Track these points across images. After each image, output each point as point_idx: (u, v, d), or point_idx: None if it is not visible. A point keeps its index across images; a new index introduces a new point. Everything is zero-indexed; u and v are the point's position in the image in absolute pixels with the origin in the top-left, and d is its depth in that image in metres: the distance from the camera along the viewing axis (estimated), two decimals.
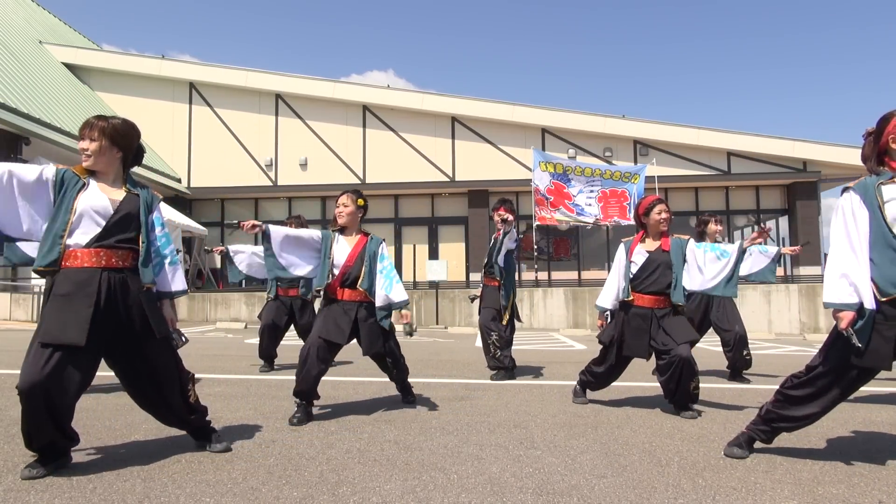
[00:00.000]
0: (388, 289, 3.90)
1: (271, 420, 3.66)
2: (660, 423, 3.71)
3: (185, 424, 2.95)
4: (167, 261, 2.81)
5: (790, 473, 2.66)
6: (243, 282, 17.78)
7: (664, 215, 4.13)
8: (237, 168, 18.92)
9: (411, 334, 4.62)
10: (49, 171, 2.60)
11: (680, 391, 3.92)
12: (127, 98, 19.39)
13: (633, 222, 15.23)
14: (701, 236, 5.87)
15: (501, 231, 5.72)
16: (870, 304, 2.55)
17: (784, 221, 18.94)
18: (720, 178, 18.37)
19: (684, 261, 4.04)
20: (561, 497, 2.34)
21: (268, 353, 6.28)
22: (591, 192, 14.79)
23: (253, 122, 19.11)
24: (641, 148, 18.33)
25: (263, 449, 2.97)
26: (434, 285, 15.41)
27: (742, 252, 3.90)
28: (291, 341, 6.48)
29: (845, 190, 2.71)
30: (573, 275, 18.79)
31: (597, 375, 4.30)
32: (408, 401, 4.30)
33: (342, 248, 3.99)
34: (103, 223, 2.62)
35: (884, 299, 2.56)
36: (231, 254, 6.05)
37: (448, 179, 18.75)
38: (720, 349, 6.11)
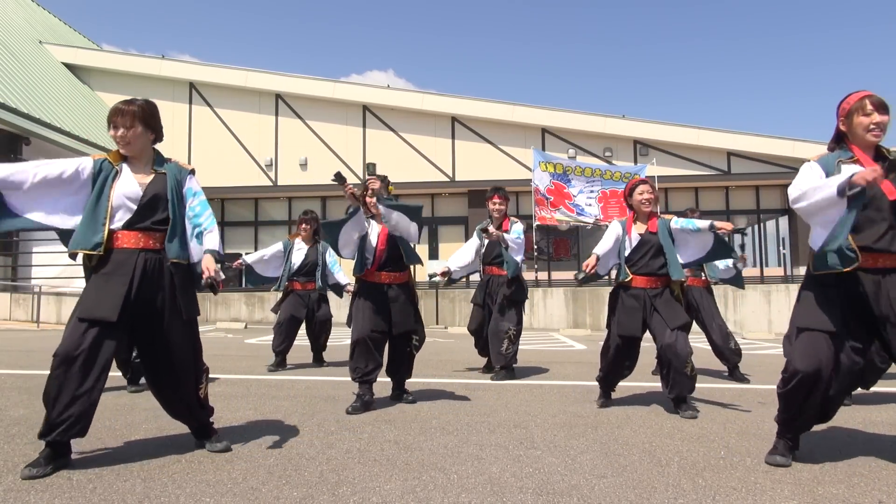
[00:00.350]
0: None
1: (271, 420, 3.66)
2: (660, 423, 3.71)
3: (190, 417, 2.97)
4: (203, 227, 2.88)
5: (790, 473, 2.66)
6: (244, 282, 17.83)
7: (646, 195, 4.21)
8: (237, 168, 18.92)
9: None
10: (87, 165, 2.76)
11: (674, 375, 3.96)
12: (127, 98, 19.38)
13: None
14: None
15: (509, 222, 5.75)
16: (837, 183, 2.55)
17: (784, 221, 18.94)
18: (720, 178, 18.37)
19: (672, 240, 4.15)
20: (561, 497, 2.34)
21: (283, 350, 6.31)
22: (592, 192, 14.80)
23: (253, 122, 19.11)
24: (641, 148, 18.33)
25: (263, 449, 2.97)
26: (434, 285, 15.41)
27: (711, 226, 4.03)
28: (301, 340, 6.49)
29: (806, 162, 2.85)
30: (573, 275, 18.79)
31: (607, 365, 4.25)
32: (407, 399, 4.33)
33: (373, 233, 4.22)
34: (135, 207, 2.76)
35: (818, 273, 2.74)
36: (250, 264, 6.56)
37: (448, 179, 18.76)
38: None
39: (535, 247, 16.11)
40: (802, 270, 17.13)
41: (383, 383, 5.26)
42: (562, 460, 2.83)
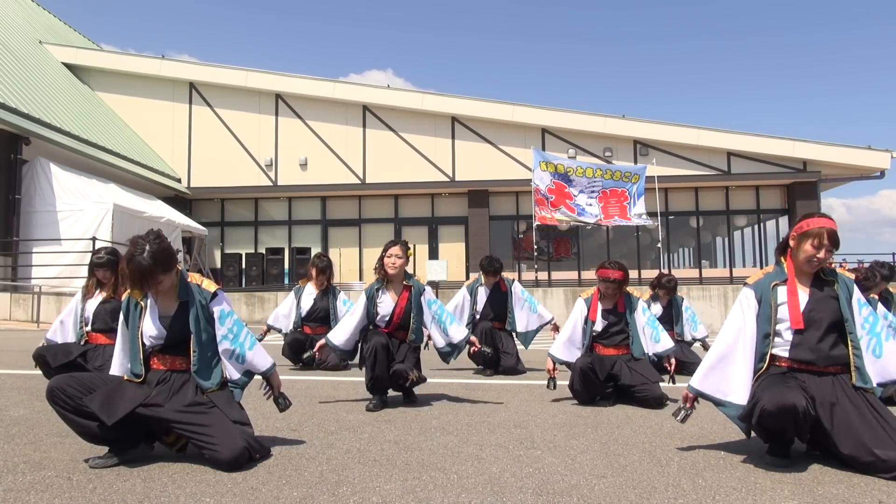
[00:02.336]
0: (446, 330, 4.24)
1: (271, 420, 3.66)
2: (660, 423, 3.71)
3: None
4: (246, 347, 2.91)
5: (790, 473, 2.66)
6: (243, 281, 17.84)
7: (610, 291, 4.45)
8: (237, 168, 18.92)
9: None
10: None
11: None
12: (127, 98, 19.40)
13: (632, 222, 15.33)
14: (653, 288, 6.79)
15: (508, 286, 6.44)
16: (739, 399, 2.84)
17: (784, 221, 18.95)
18: (720, 178, 18.37)
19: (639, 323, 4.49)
20: (561, 497, 2.33)
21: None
22: (592, 192, 14.80)
23: (253, 122, 19.12)
24: (641, 148, 18.34)
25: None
26: (434, 285, 15.40)
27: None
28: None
29: (744, 289, 3.03)
30: (573, 275, 18.79)
31: (577, 393, 4.34)
32: (409, 400, 4.34)
33: (387, 302, 4.22)
34: (163, 343, 2.82)
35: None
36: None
37: (448, 179, 18.76)
38: None
39: (536, 246, 16.10)
40: None
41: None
42: (562, 460, 2.83)
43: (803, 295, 2.89)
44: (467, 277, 18.08)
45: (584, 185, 14.74)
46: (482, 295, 6.54)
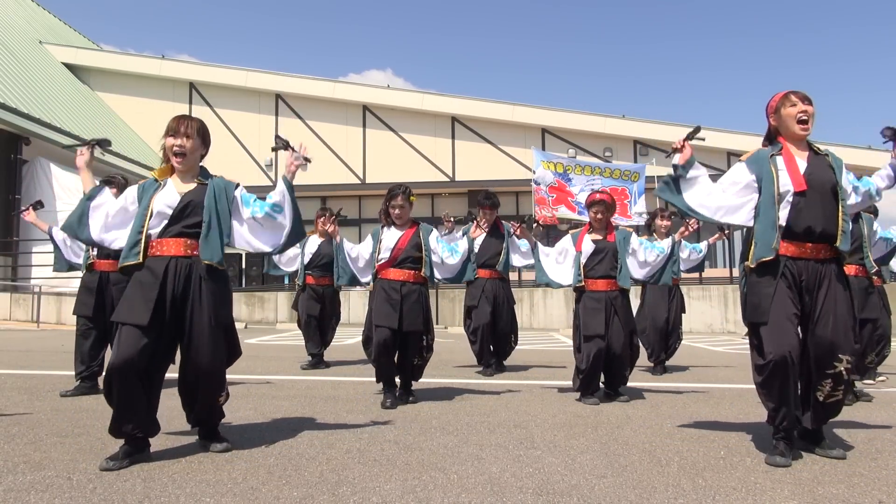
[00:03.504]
0: (453, 253, 4.52)
1: (271, 420, 3.66)
2: (660, 423, 3.71)
3: (207, 422, 2.99)
4: (275, 211, 3.04)
5: (790, 473, 2.66)
6: (243, 281, 17.83)
7: (599, 216, 4.69)
8: (237, 168, 18.90)
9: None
10: (131, 195, 3.00)
11: (611, 375, 4.52)
12: (127, 98, 19.40)
13: (633, 221, 15.31)
14: (649, 230, 6.52)
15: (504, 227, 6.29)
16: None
17: None
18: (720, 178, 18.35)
19: (628, 251, 4.61)
20: (561, 497, 2.33)
21: (315, 350, 6.28)
22: (592, 190, 14.78)
23: (253, 122, 19.11)
24: (641, 148, 18.34)
25: (263, 449, 2.97)
26: (434, 285, 15.40)
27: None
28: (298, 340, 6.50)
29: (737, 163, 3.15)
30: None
31: (580, 371, 4.47)
32: (408, 398, 4.34)
33: (392, 236, 4.44)
34: (171, 213, 2.88)
35: (753, 265, 2.93)
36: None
37: (448, 179, 18.76)
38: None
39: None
40: None
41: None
42: (562, 460, 2.83)
43: (801, 161, 2.97)
44: None
45: (584, 184, 14.73)
46: (478, 239, 6.23)
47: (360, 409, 4.04)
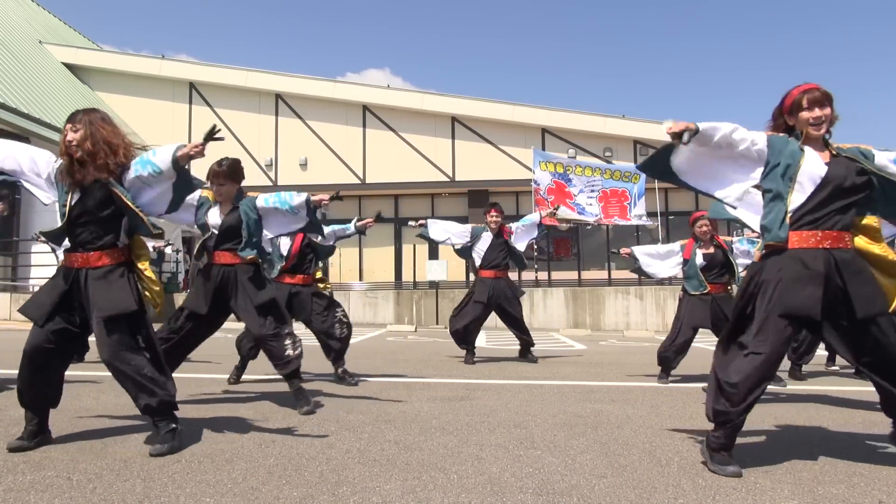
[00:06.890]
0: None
1: (271, 420, 3.66)
2: (660, 423, 3.71)
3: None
4: (290, 199, 3.84)
5: (790, 473, 2.66)
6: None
7: (704, 228, 5.37)
8: None
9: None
10: (195, 197, 3.79)
11: None
12: (127, 98, 19.38)
13: (632, 222, 15.28)
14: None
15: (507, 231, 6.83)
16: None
17: None
18: None
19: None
20: (561, 497, 2.34)
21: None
22: (592, 191, 14.78)
23: (253, 122, 19.11)
24: (641, 148, 18.32)
25: (263, 449, 2.97)
26: (434, 285, 15.42)
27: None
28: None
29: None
30: (573, 275, 18.78)
31: (668, 349, 5.32)
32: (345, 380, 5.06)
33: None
34: (217, 233, 3.86)
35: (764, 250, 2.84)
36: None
37: (448, 179, 18.74)
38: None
39: (535, 246, 16.09)
40: None
41: (384, 383, 5.28)
42: (562, 460, 2.83)
43: (821, 155, 2.85)
44: (467, 277, 18.09)
45: (583, 185, 14.73)
46: (485, 241, 6.53)
47: (360, 409, 4.04)
